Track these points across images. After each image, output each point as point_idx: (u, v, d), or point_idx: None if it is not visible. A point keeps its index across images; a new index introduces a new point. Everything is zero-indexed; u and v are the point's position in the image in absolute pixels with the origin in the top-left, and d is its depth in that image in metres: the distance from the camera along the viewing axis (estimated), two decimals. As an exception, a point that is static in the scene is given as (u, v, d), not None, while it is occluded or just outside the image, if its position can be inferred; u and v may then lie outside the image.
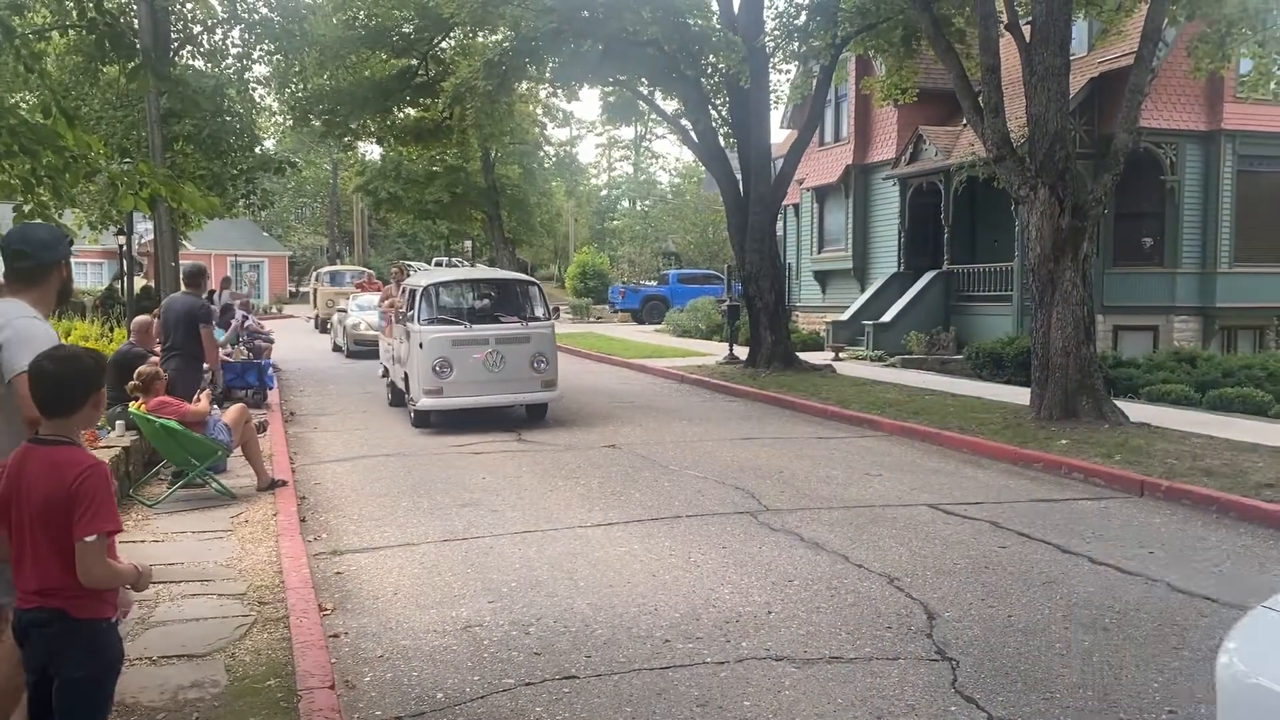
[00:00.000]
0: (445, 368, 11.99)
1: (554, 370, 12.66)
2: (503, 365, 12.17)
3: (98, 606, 3.07)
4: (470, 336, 12.23)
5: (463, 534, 7.51)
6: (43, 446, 3.07)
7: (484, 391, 12.26)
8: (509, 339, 12.37)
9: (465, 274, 15.63)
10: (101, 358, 3.23)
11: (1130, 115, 12.29)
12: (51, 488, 2.98)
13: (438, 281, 13.28)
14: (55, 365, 3.08)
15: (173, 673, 4.66)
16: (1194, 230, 20.56)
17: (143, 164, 5.87)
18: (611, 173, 69.80)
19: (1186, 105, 20.28)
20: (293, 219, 66.29)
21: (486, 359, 12.10)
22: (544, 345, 12.60)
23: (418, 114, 24.54)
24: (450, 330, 12.30)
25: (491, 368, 12.13)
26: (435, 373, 11.98)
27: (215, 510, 7.93)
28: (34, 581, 3.02)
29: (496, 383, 12.24)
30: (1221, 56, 14.04)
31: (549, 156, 51.33)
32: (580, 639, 5.30)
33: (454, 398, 12.13)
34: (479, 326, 12.49)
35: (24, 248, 3.67)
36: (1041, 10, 11.93)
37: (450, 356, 12.02)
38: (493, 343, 12.21)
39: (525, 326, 12.65)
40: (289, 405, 14.82)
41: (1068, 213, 11.91)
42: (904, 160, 23.63)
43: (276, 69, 21.91)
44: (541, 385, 12.52)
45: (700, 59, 17.75)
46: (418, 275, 14.73)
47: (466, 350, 12.11)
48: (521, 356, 12.35)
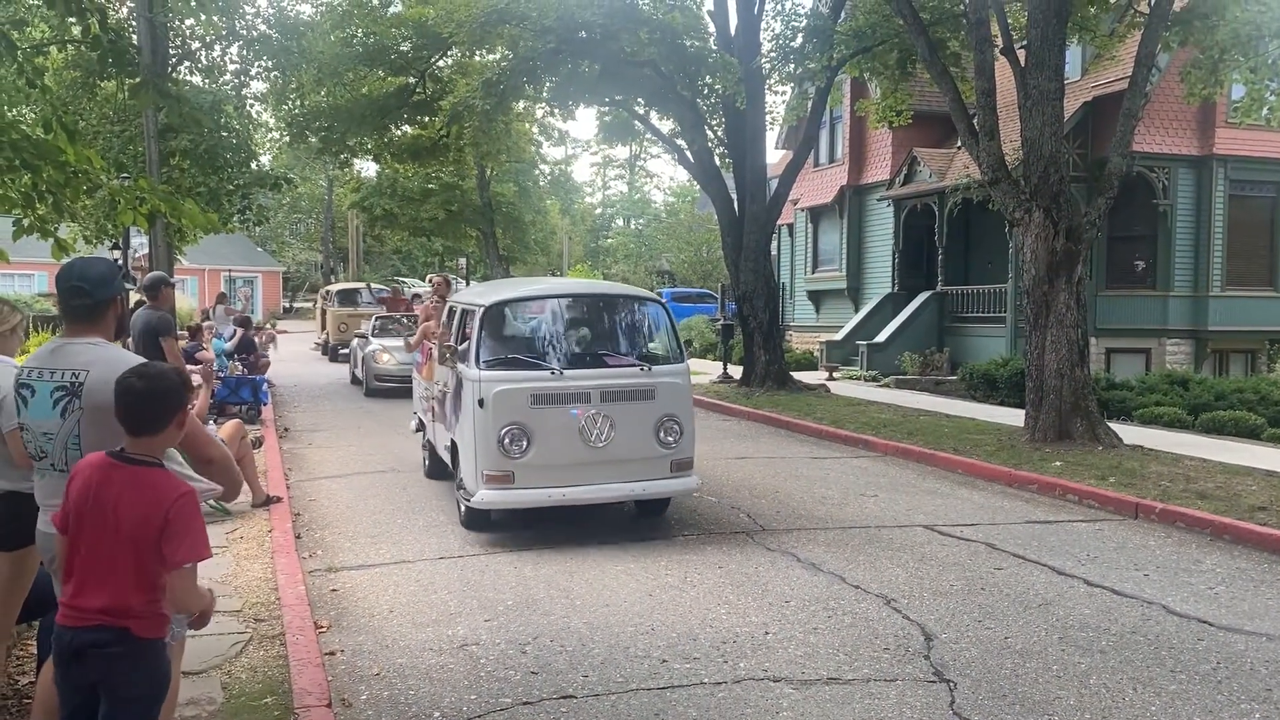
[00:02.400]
0: (520, 440, 7.58)
1: (690, 442, 8.12)
2: (611, 436, 7.69)
3: (159, 627, 3.05)
4: (560, 390, 7.70)
5: (458, 552, 7.49)
6: (130, 465, 3.00)
7: (579, 478, 7.75)
8: (623, 393, 7.84)
9: (551, 287, 10.31)
10: (187, 378, 3.23)
11: (1124, 139, 12.38)
12: (145, 508, 2.93)
13: (507, 299, 8.82)
14: (144, 383, 3.04)
15: (187, 686, 4.63)
16: (1186, 254, 20.68)
17: (142, 179, 5.88)
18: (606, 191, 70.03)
19: (1179, 130, 20.43)
20: (287, 235, 66.28)
21: (587, 426, 7.67)
22: (676, 403, 8.03)
23: (415, 132, 24.59)
24: (529, 379, 7.77)
25: (594, 440, 7.66)
26: (503, 447, 7.55)
27: (210, 526, 7.82)
28: (101, 599, 2.95)
29: (599, 465, 7.76)
30: (1214, 82, 14.15)
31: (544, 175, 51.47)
32: (577, 658, 5.29)
33: (531, 489, 7.67)
34: (575, 373, 7.87)
35: (82, 285, 3.57)
36: (1036, 35, 12.04)
37: (528, 422, 7.61)
38: (597, 400, 7.74)
39: (648, 373, 8.04)
40: (283, 421, 14.78)
41: (1062, 235, 11.98)
42: (898, 182, 23.74)
43: (274, 85, 21.94)
44: (672, 467, 7.97)
45: (697, 80, 17.83)
46: (471, 290, 11.07)
47: (554, 413, 7.68)
48: (641, 421, 7.86)
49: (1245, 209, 20.94)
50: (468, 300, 9.07)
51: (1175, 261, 20.63)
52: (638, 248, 53.23)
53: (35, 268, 37.28)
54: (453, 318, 9.41)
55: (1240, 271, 20.83)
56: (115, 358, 3.54)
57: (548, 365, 7.95)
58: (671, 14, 17.10)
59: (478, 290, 10.26)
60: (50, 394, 3.41)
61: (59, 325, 4.20)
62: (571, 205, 58.91)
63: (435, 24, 19.88)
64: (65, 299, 3.62)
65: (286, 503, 8.85)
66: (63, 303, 3.66)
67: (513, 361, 8.02)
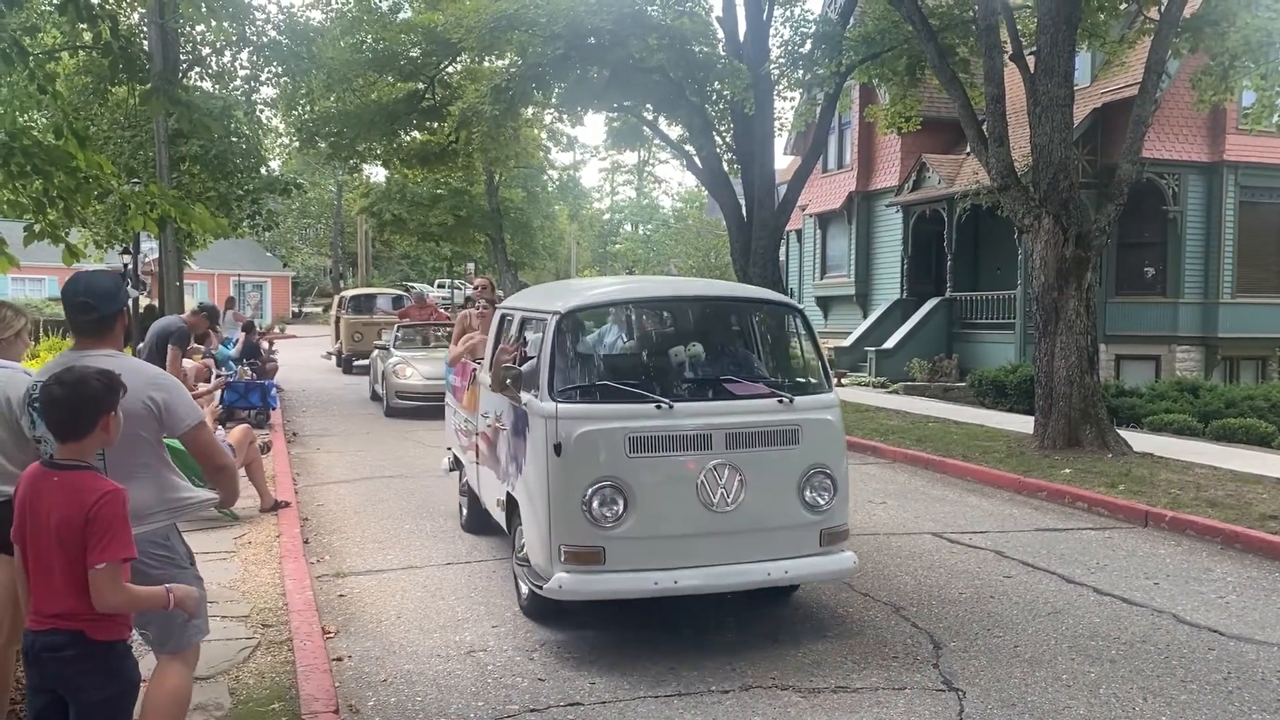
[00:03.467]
0: (613, 502, 5.36)
1: (844, 503, 5.83)
2: (741, 497, 5.47)
3: (115, 629, 3.05)
4: (671, 430, 5.48)
5: (465, 557, 7.49)
6: (59, 470, 3.05)
7: (695, 555, 5.45)
8: (758, 436, 5.60)
9: (649, 287, 7.75)
10: (113, 379, 3.18)
11: (1134, 146, 12.35)
12: (69, 511, 2.97)
13: (589, 303, 6.59)
14: (64, 389, 3.06)
15: (176, 695, 4.64)
16: (1196, 260, 20.61)
17: (153, 185, 5.92)
18: (614, 197, 70.11)
19: (1189, 136, 20.38)
20: (296, 240, 66.48)
21: (707, 483, 5.43)
22: (827, 449, 5.76)
23: (424, 137, 24.66)
24: (626, 416, 5.50)
25: (717, 503, 5.44)
26: (589, 513, 5.33)
27: (218, 531, 7.91)
28: (50, 604, 3.00)
29: (722, 537, 5.48)
30: (1225, 89, 14.14)
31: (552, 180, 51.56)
32: (584, 666, 5.28)
33: (628, 571, 5.40)
34: (690, 407, 5.64)
35: (89, 300, 3.62)
36: (1046, 41, 12.02)
37: (625, 477, 5.37)
38: (721, 445, 5.50)
39: (789, 407, 5.73)
40: (292, 425, 14.80)
41: (1071, 242, 11.95)
42: (907, 188, 23.71)
43: (284, 91, 22.05)
44: (821, 539, 5.67)
45: (705, 86, 17.84)
46: (532, 292, 8.13)
47: (662, 464, 5.46)
48: (781, 475, 5.61)
49: (1256, 215, 20.87)
50: (530, 305, 6.67)
51: (1185, 268, 20.56)
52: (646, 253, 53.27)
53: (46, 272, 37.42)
54: (504, 328, 7.00)
55: (1251, 278, 20.75)
56: (135, 368, 3.64)
57: (652, 396, 5.49)
58: (680, 20, 17.12)
59: (542, 293, 7.52)
60: None
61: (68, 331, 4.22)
62: (580, 210, 59.00)
63: (444, 30, 19.94)
64: (73, 314, 3.66)
65: (295, 508, 8.86)
66: (70, 318, 3.70)
67: (602, 391, 5.63)
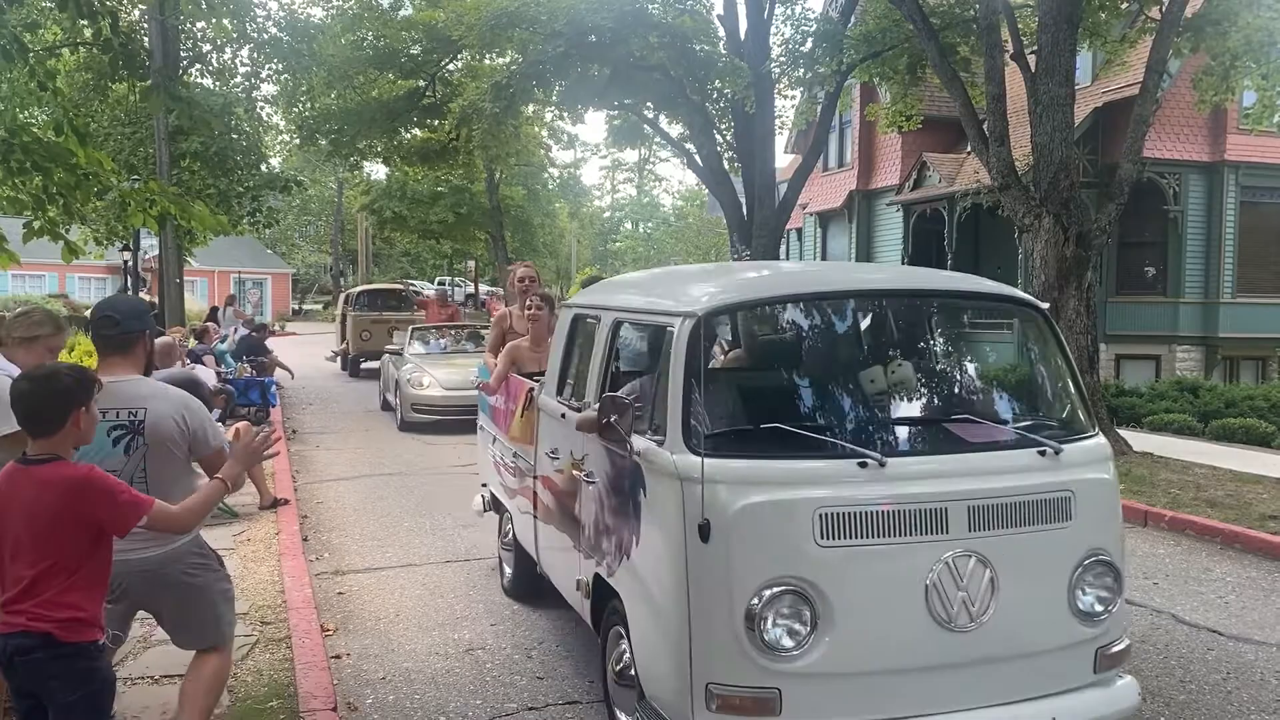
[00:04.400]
0: (797, 615, 3.42)
1: (1121, 607, 3.86)
2: (989, 605, 3.53)
3: (85, 630, 2.99)
4: (884, 502, 3.49)
5: (465, 555, 7.49)
6: (32, 466, 3.02)
7: (921, 698, 3.52)
8: (1011, 507, 3.60)
9: (823, 279, 4.99)
10: (84, 373, 3.17)
11: (1135, 146, 12.34)
12: (53, 501, 2.93)
13: (742, 301, 4.36)
14: (32, 385, 3.06)
15: (173, 692, 4.58)
16: (1197, 260, 20.59)
17: (153, 182, 5.92)
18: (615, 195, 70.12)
19: (1190, 136, 20.36)
20: (297, 237, 66.48)
21: (941, 585, 3.48)
22: (1105, 524, 3.86)
23: (424, 135, 24.67)
24: (812, 479, 3.53)
25: (956, 616, 3.50)
26: (759, 633, 3.40)
27: (217, 528, 7.90)
28: (23, 605, 2.95)
29: (962, 669, 3.56)
30: (1226, 89, 14.14)
31: (553, 178, 51.56)
32: (582, 664, 5.28)
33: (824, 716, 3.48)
34: (910, 465, 3.65)
35: (112, 314, 3.75)
36: (1047, 40, 12.01)
37: (816, 578, 3.42)
38: (961, 524, 3.53)
39: (1054, 461, 3.74)
40: (291, 423, 14.80)
41: (1072, 241, 11.95)
42: (907, 186, 23.70)
43: (284, 88, 22.06)
44: (1098, 661, 3.76)
45: (706, 84, 17.85)
46: (631, 283, 5.61)
47: (872, 556, 3.48)
48: (1045, 569, 3.68)
49: (1257, 215, 20.84)
50: (632, 304, 4.63)
51: (1186, 268, 20.54)
52: (646, 251, 53.26)
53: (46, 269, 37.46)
54: (579, 336, 5.09)
55: (1251, 278, 20.73)
56: (164, 392, 3.75)
57: (853, 447, 3.61)
58: (681, 18, 17.13)
59: (644, 284, 5.19)
60: (108, 433, 3.53)
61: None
62: (580, 209, 59.01)
63: (445, 27, 19.94)
64: (96, 327, 3.78)
65: (294, 505, 8.86)
66: (94, 332, 3.81)
67: (772, 438, 3.65)
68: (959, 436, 3.93)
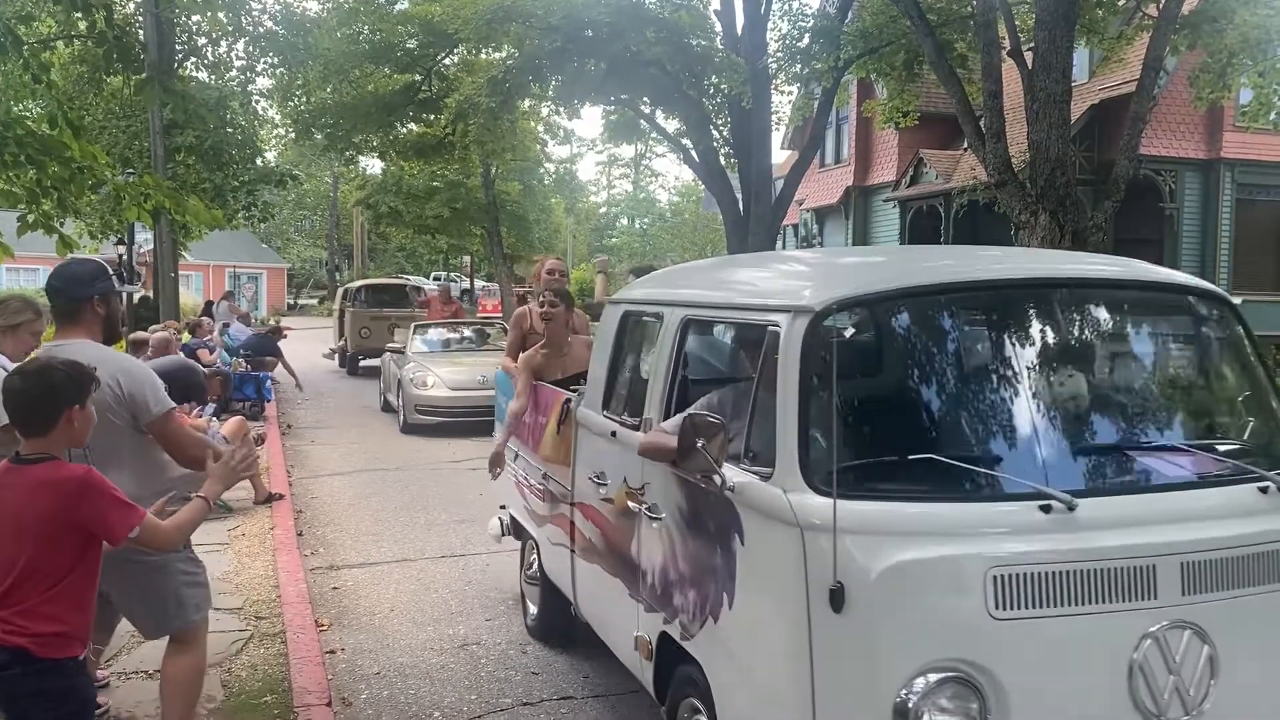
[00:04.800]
0: (963, 709, 2.62)
1: None
2: (1209, 692, 2.75)
3: (65, 645, 2.80)
4: (1074, 558, 2.68)
5: (460, 550, 7.48)
6: (25, 466, 2.84)
7: None
8: (1235, 563, 2.79)
9: (968, 264, 3.72)
10: (77, 370, 2.96)
11: (1131, 143, 12.36)
12: (45, 504, 2.76)
13: (872, 294, 3.21)
14: (23, 382, 2.90)
15: (168, 687, 4.62)
16: (1193, 258, 20.60)
17: (148, 176, 5.90)
18: (611, 190, 70.05)
19: (1186, 133, 20.37)
20: (292, 231, 66.37)
21: (1148, 668, 2.69)
22: None
23: (420, 129, 24.63)
24: (979, 528, 2.74)
25: (1164, 709, 2.71)
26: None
27: (211, 523, 7.84)
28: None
29: None
30: (1222, 86, 14.16)
31: (549, 173, 51.50)
32: (577, 660, 5.27)
33: None
34: (1101, 506, 2.78)
35: (56, 283, 3.64)
36: (1044, 37, 12.00)
37: (988, 662, 2.63)
38: (1172, 585, 2.73)
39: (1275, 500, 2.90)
40: (286, 418, 14.78)
41: (1068, 239, 11.95)
42: (904, 183, 23.71)
43: (280, 82, 22.00)
44: None
45: (703, 79, 17.84)
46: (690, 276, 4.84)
47: (1062, 631, 2.67)
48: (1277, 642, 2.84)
49: (1253, 213, 20.87)
50: (721, 301, 3.85)
51: (1182, 265, 20.52)
52: (642, 247, 53.27)
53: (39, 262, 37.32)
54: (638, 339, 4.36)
55: (1248, 276, 20.75)
56: (102, 357, 3.48)
57: (1029, 484, 2.82)
58: (678, 13, 17.14)
59: (728, 273, 4.37)
60: None
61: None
62: (576, 204, 58.97)
63: (441, 21, 19.91)
64: (48, 298, 3.69)
65: (288, 500, 8.85)
66: (49, 303, 3.72)
67: (921, 472, 2.87)
68: (1158, 469, 3.06)
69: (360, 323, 21.08)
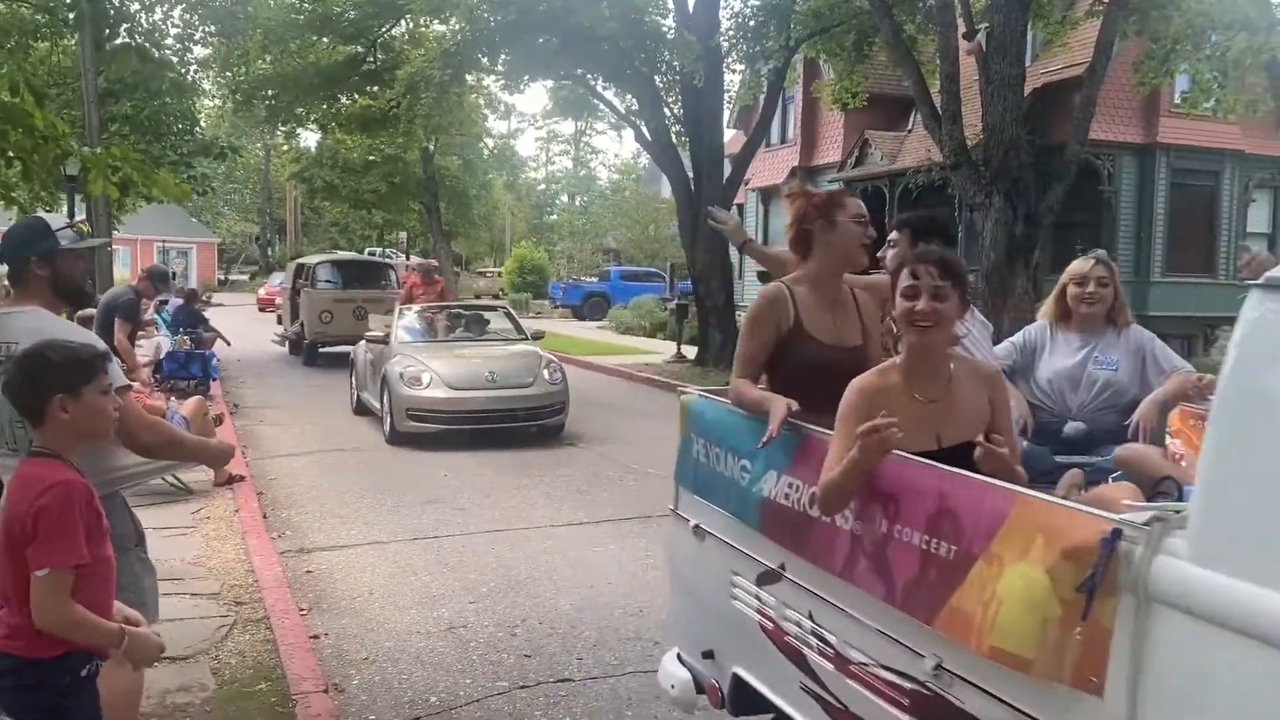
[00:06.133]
0: None
1: None
2: None
3: (50, 644, 2.54)
4: None
5: (432, 532, 7.38)
6: (27, 459, 2.64)
7: None
8: None
9: None
10: (71, 353, 2.66)
11: (1082, 126, 12.60)
12: (15, 505, 2.53)
13: None
14: (16, 366, 2.65)
15: (156, 675, 4.46)
16: (1129, 240, 21.11)
17: (116, 147, 5.67)
18: (550, 167, 69.51)
19: (1124, 118, 20.81)
20: (222, 205, 64.78)
21: None
22: None
23: (365, 102, 24.12)
24: None
25: None
26: None
27: (173, 506, 7.68)
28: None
29: None
30: (1165, 72, 14.47)
31: (487, 148, 50.90)
32: (569, 641, 5.24)
33: None
34: None
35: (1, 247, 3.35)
36: (999, 20, 12.17)
37: None
38: None
39: None
40: (231, 397, 14.45)
41: (1021, 220, 12.17)
42: (850, 164, 23.90)
43: (218, 52, 21.37)
44: None
45: (655, 57, 17.74)
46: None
47: None
48: None
49: (1186, 197, 21.43)
50: None
51: (1119, 247, 21.04)
52: (584, 224, 53.04)
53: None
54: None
55: (1180, 258, 21.34)
56: (41, 328, 3.14)
57: None
58: (632, -11, 16.98)
59: None
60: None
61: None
62: (516, 180, 58.43)
63: (387, -9, 19.50)
64: None
65: (249, 482, 8.65)
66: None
67: None
68: None
69: (320, 305, 18.36)
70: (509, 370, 11.20)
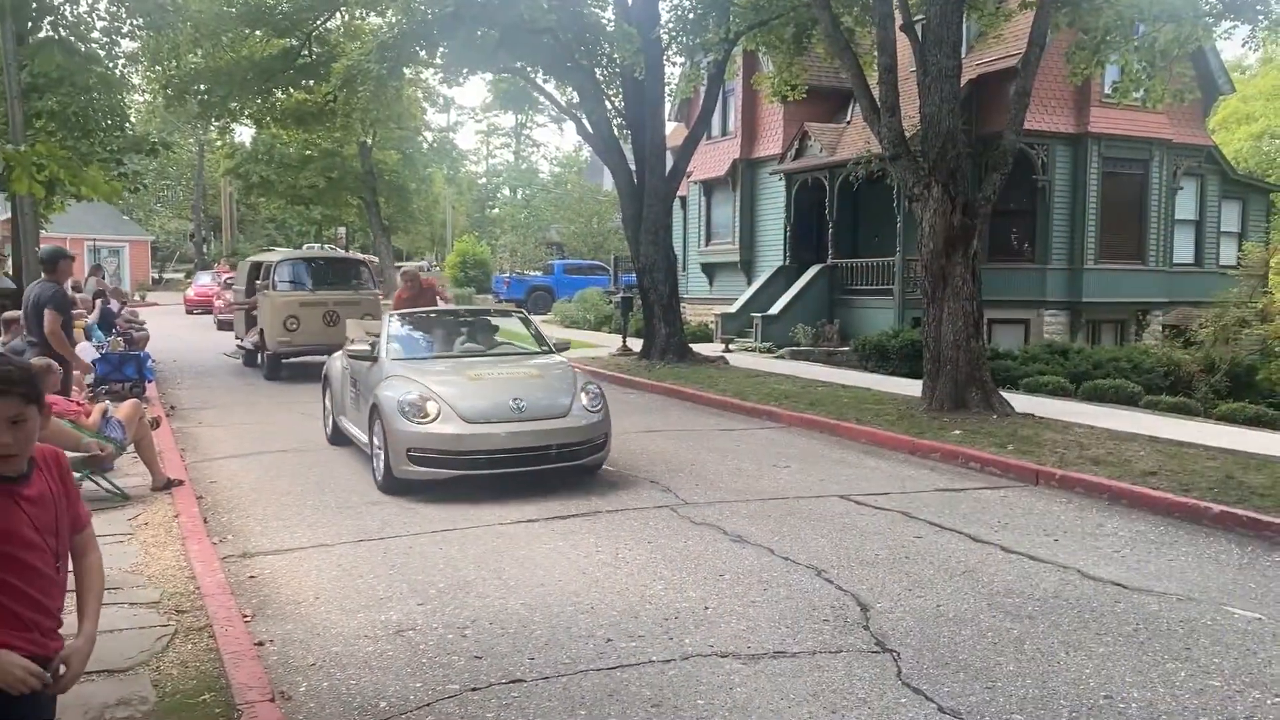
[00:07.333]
0: None
1: None
2: None
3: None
4: None
5: (378, 533, 7.29)
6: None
7: None
8: None
9: None
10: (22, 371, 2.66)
11: (1018, 117, 12.77)
12: None
13: None
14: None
15: (94, 690, 4.36)
16: (1063, 228, 21.53)
17: (41, 145, 5.48)
18: (491, 160, 69.00)
19: (1057, 108, 21.20)
20: (155, 202, 63.34)
21: None
22: None
23: (300, 96, 23.68)
24: None
25: None
26: None
27: (110, 512, 7.49)
28: None
29: None
30: (1096, 63, 14.74)
31: (426, 141, 50.40)
32: (520, 641, 5.20)
33: None
34: None
35: None
36: (935, 12, 12.29)
37: None
38: None
39: None
40: (168, 399, 14.14)
41: (959, 210, 12.31)
42: (790, 156, 24.05)
43: (147, 45, 20.81)
44: None
45: (596, 49, 17.67)
46: None
47: None
48: None
49: (1117, 186, 21.90)
50: None
51: (1053, 235, 21.46)
52: (526, 218, 52.76)
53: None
54: None
55: (1112, 246, 21.81)
56: None
57: None
58: (571, -19, 16.87)
59: None
60: None
61: None
62: (456, 174, 57.91)
63: (323, -16, 19.15)
64: None
65: (188, 485, 8.47)
66: None
67: None
68: None
69: (283, 311, 15.98)
70: (539, 396, 8.74)
